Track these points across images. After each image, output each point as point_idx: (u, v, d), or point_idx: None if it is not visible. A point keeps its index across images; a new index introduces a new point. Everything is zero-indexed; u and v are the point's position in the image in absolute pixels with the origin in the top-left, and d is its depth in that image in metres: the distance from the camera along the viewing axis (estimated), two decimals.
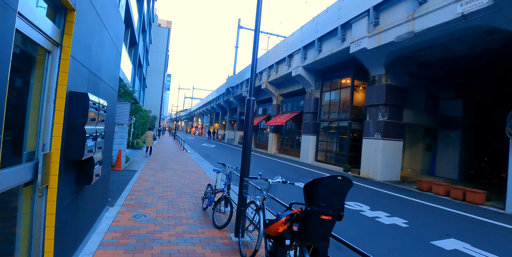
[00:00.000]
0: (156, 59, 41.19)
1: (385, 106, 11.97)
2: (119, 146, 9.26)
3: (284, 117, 20.14)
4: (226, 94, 35.98)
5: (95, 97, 2.66)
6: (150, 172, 9.13)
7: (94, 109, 2.58)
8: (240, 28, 34.85)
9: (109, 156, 4.35)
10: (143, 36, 22.79)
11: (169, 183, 7.61)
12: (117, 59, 4.38)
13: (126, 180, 7.46)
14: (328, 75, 16.40)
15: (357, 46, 11.87)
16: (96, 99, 2.68)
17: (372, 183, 11.09)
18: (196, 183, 8.03)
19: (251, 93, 4.24)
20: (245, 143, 4.16)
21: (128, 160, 10.92)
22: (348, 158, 14.33)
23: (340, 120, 15.18)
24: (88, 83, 2.78)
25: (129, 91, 10.34)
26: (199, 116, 65.67)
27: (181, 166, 11.36)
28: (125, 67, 13.04)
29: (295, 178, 10.65)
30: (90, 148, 2.51)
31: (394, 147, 12.16)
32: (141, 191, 6.35)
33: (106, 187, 4.49)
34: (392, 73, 12.11)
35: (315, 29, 15.25)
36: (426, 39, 9.87)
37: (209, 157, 16.19)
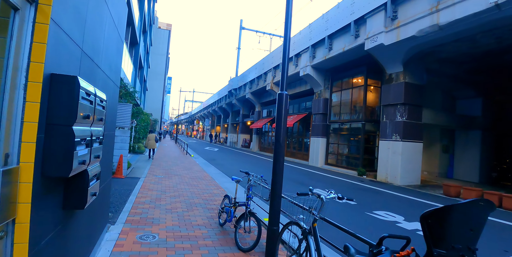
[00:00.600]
0: (157, 61, 40.60)
1: (404, 105, 11.20)
2: (120, 151, 8.48)
3: (291, 119, 19.38)
4: (229, 96, 35.25)
5: (89, 85, 1.88)
6: (155, 179, 8.34)
7: (88, 102, 1.81)
8: (242, 29, 34.22)
9: (109, 165, 3.57)
10: (143, 37, 22.12)
11: (177, 192, 6.82)
12: (119, 47, 3.62)
13: (128, 189, 6.67)
14: (339, 75, 15.66)
15: (373, 42, 11.14)
16: (92, 89, 1.91)
17: (392, 187, 10.29)
18: (205, 191, 7.23)
19: (284, 85, 3.48)
20: (277, 148, 3.38)
21: (130, 166, 10.13)
22: (362, 161, 13.53)
23: (353, 122, 14.40)
24: (81, 68, 2.02)
25: (130, 91, 9.59)
26: (200, 119, 64.91)
27: (186, 171, 10.57)
28: (126, 67, 12.31)
29: (310, 183, 9.85)
30: (82, 158, 1.73)
31: (414, 149, 11.37)
32: (146, 203, 5.56)
33: (106, 202, 3.71)
34: (410, 70, 11.36)
35: (324, 26, 14.54)
36: (452, 33, 9.14)
37: (215, 161, 15.40)
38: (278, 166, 3.37)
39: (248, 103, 32.31)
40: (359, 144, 13.99)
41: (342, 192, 9.19)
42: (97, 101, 2.00)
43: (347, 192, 8.85)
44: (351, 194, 8.49)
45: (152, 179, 8.42)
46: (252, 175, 4.08)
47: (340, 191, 9.03)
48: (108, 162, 3.46)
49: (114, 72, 3.43)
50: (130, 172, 9.24)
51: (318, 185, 9.70)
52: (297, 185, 9.55)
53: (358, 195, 8.38)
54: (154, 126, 33.88)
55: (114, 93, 3.55)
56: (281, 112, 3.42)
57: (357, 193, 8.76)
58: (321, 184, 10.00)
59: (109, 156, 3.49)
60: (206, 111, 53.53)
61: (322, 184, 10.14)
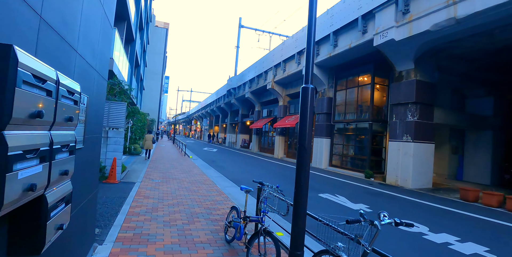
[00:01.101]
0: (154, 60, 39.83)
1: (415, 104, 10.61)
2: (114, 154, 7.81)
3: (293, 119, 18.76)
4: (227, 96, 34.57)
5: (43, 66, 1.23)
6: (151, 184, 7.68)
7: (42, 92, 1.16)
8: (241, 27, 33.55)
9: (92, 175, 2.91)
10: (140, 34, 21.42)
11: (175, 200, 6.16)
12: (106, 30, 2.95)
13: (122, 197, 6.01)
14: (343, 73, 15.06)
15: (382, 37, 10.54)
16: (50, 72, 1.26)
17: (404, 191, 9.69)
18: (207, 198, 6.58)
19: (310, 78, 2.85)
20: (301, 154, 2.75)
21: (125, 169, 9.46)
22: (369, 162, 12.93)
23: (359, 122, 13.80)
24: (39, 42, 1.36)
25: (125, 89, 8.91)
26: (198, 119, 64.15)
27: (185, 175, 9.91)
28: (121, 64, 11.62)
29: (318, 187, 9.23)
30: (30, 182, 1.09)
31: (426, 150, 10.78)
32: (141, 214, 4.90)
33: (90, 219, 3.05)
34: (421, 67, 10.77)
35: (329, 22, 13.93)
36: (469, 27, 8.55)
37: (215, 163, 14.74)
38: (303, 176, 2.74)
39: (247, 103, 31.66)
40: (365, 144, 13.40)
41: (353, 196, 8.60)
42: (61, 92, 1.35)
43: (358, 196, 8.24)
44: (363, 199, 7.88)
45: (148, 184, 7.76)
46: (266, 186, 3.43)
47: (350, 195, 8.42)
48: (91, 173, 2.80)
49: (100, 61, 2.78)
50: (125, 176, 8.57)
51: (326, 189, 9.08)
52: None
53: (371, 201, 7.77)
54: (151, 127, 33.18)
55: (100, 87, 2.89)
56: (306, 111, 2.79)
57: (369, 198, 8.15)
58: (329, 188, 9.38)
59: (93, 165, 2.84)
60: (204, 111, 52.79)
61: (330, 187, 9.52)
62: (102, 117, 3.14)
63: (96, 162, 3.07)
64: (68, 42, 1.81)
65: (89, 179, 2.68)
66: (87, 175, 2.58)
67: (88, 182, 2.64)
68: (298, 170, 2.78)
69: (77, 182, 2.04)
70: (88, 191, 2.66)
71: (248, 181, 9.83)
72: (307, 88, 2.83)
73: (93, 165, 2.85)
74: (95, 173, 3.04)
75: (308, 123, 2.79)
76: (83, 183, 2.39)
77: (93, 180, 2.91)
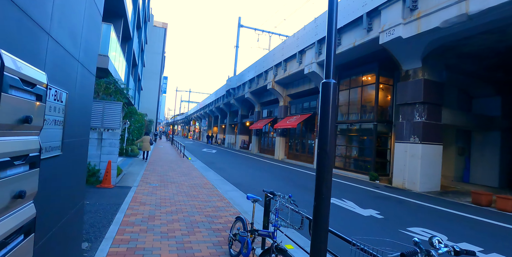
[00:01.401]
0: (152, 60, 39.40)
1: (423, 104, 10.23)
2: (109, 157, 7.38)
3: (294, 119, 18.36)
4: (226, 96, 34.15)
5: None
6: (148, 189, 7.25)
7: None
8: (240, 27, 33.16)
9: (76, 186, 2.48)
10: (138, 33, 20.99)
11: (174, 206, 5.74)
12: (93, 16, 2.53)
13: (116, 204, 5.58)
14: (346, 72, 14.67)
15: (389, 35, 10.16)
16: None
17: (412, 195, 9.30)
18: (208, 204, 6.17)
19: (331, 71, 2.45)
20: (322, 160, 2.34)
21: (121, 172, 9.02)
22: (374, 164, 12.54)
23: (363, 122, 13.42)
24: None
25: (121, 88, 8.48)
26: (197, 120, 63.68)
27: (184, 178, 9.49)
28: (118, 63, 11.20)
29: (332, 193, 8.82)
30: None
31: (434, 152, 10.41)
32: (136, 224, 4.48)
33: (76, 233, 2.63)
34: (429, 66, 10.40)
35: None
36: (481, 24, 8.19)
37: (214, 165, 14.31)
38: (324, 186, 2.33)
39: (247, 103, 31.26)
40: (370, 146, 13.00)
41: (360, 201, 8.18)
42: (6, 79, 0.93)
43: (366, 201, 7.83)
44: (372, 204, 7.48)
45: (145, 188, 7.33)
46: (278, 196, 3.02)
47: (358, 199, 7.99)
48: (76, 182, 2.38)
49: (85, 52, 2.36)
50: (120, 180, 8.14)
51: (334, 194, 8.66)
52: (310, 193, 8.51)
53: (380, 206, 7.37)
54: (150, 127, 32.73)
55: (86, 83, 2.47)
56: (328, 110, 2.38)
57: (378, 203, 7.75)
58: (334, 191, 8.96)
59: (77, 174, 2.41)
60: (202, 111, 52.33)
61: (335, 191, 9.11)
62: (89, 117, 2.72)
63: (82, 170, 2.65)
64: (35, 20, 1.39)
65: (72, 190, 2.26)
66: (69, 186, 2.16)
67: (71, 194, 2.22)
68: (318, 179, 2.37)
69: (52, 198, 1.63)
70: (70, 205, 2.24)
71: (250, 184, 9.41)
72: (328, 83, 2.42)
73: (77, 174, 2.43)
74: (80, 182, 2.62)
75: (330, 124, 2.38)
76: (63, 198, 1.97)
77: (78, 190, 2.49)
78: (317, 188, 2.36)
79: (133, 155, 15.21)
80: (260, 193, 7.14)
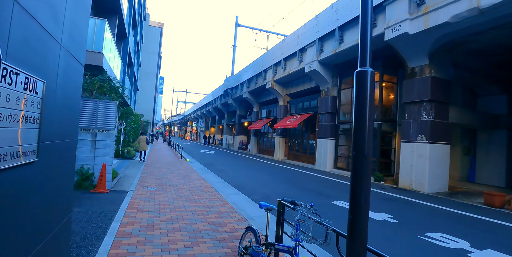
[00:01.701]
0: (148, 60, 38.85)
1: (430, 103, 9.90)
2: (103, 159, 6.92)
3: (295, 119, 17.98)
4: (224, 96, 33.70)
5: None
6: (146, 193, 6.81)
7: None
8: (237, 26, 32.77)
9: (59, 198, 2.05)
10: (134, 32, 20.50)
11: (174, 213, 5.31)
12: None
13: (111, 211, 5.14)
14: (348, 71, 14.34)
15: (395, 31, 9.81)
16: None
17: (421, 196, 8.95)
18: (210, 209, 5.75)
19: (367, 58, 2.06)
20: (359, 164, 1.94)
21: (117, 176, 8.57)
22: (379, 165, 12.20)
23: None
24: None
25: (116, 87, 8.03)
26: (194, 120, 63.10)
27: (183, 180, 9.05)
28: (113, 61, 10.74)
29: (330, 193, 8.43)
30: None
31: (442, 152, 10.08)
32: (133, 234, 4.05)
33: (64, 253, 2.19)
34: (436, 63, 10.08)
35: (334, 17, 13.20)
36: (492, 18, 7.86)
37: (213, 167, 13.88)
38: (363, 196, 1.93)
39: (245, 103, 30.85)
40: (374, 146, 12.65)
41: (370, 203, 7.74)
42: None
43: (375, 204, 7.45)
44: (383, 207, 7.09)
45: (142, 192, 6.88)
46: (299, 205, 2.61)
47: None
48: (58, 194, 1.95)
49: (70, 35, 1.94)
50: (116, 184, 7.68)
51: (339, 195, 8.29)
52: (316, 196, 8.12)
53: (392, 209, 6.99)
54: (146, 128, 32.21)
55: (72, 73, 2.05)
56: (364, 105, 1.99)
57: (388, 206, 7.38)
58: (341, 194, 8.60)
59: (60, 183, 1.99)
60: (200, 112, 51.79)
61: (342, 193, 8.74)
62: (76, 115, 2.29)
63: (68, 177, 2.22)
64: None
65: (56, 203, 1.84)
66: (51, 198, 1.74)
67: (54, 208, 1.80)
68: (355, 188, 1.97)
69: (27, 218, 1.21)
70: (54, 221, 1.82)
71: (253, 187, 9.00)
72: (364, 72, 2.03)
73: (62, 183, 2.00)
74: (67, 192, 2.20)
75: (368, 122, 1.98)
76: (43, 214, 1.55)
77: (63, 202, 2.06)
78: (353, 198, 1.96)
79: (130, 156, 14.72)
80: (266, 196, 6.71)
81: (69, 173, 2.19)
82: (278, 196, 7.85)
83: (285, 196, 7.80)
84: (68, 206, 2.21)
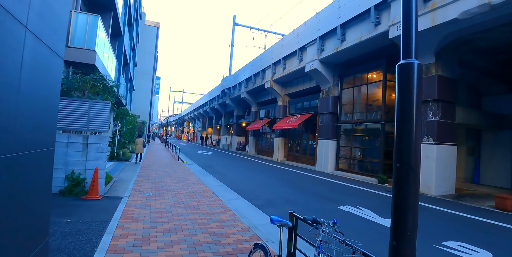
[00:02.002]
0: (144, 60, 38.26)
1: (437, 102, 9.58)
2: (96, 164, 6.48)
3: (295, 119, 17.61)
4: (222, 96, 33.26)
5: None
6: (141, 199, 6.38)
7: None
8: (235, 25, 32.35)
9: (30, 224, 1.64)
10: (129, 30, 20.00)
11: (172, 222, 4.90)
12: None
13: (103, 221, 4.71)
14: (350, 70, 13.99)
15: (400, 28, 9.44)
16: None
17: (429, 199, 8.62)
18: (211, 217, 5.34)
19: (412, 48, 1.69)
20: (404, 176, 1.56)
21: (111, 180, 8.13)
22: (382, 166, 11.86)
23: (369, 122, 12.74)
24: None
25: (109, 86, 7.60)
26: (191, 121, 62.56)
27: (181, 184, 8.63)
28: (107, 59, 10.29)
29: (334, 197, 8.06)
30: None
31: (449, 153, 9.77)
32: (127, 249, 3.63)
33: None
34: (443, 62, 9.76)
35: (336, 14, 12.85)
36: (503, 14, 7.53)
37: (212, 169, 13.46)
38: (409, 216, 1.55)
39: (243, 104, 30.44)
40: (377, 146, 12.33)
41: (378, 208, 7.19)
42: None
43: (383, 208, 7.09)
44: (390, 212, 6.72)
45: (138, 199, 6.46)
46: (322, 224, 2.21)
47: (374, 207, 7.04)
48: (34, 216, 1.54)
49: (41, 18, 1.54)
50: (110, 189, 7.24)
51: (344, 199, 7.92)
52: (321, 200, 7.74)
53: None
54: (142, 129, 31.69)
55: (45, 66, 1.64)
56: (411, 103, 1.61)
57: None
58: (346, 198, 8.23)
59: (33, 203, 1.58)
60: (197, 112, 51.28)
61: (347, 197, 8.37)
62: (53, 119, 1.88)
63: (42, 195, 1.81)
64: None
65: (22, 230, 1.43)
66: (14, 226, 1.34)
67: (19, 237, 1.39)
68: (398, 208, 1.58)
69: None
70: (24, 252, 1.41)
71: (254, 191, 8.59)
72: (409, 65, 1.64)
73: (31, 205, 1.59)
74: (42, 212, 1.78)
75: (416, 126, 1.60)
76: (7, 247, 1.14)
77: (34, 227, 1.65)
78: (397, 221, 1.58)
79: (125, 158, 14.26)
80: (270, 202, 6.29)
81: (43, 190, 1.78)
82: (281, 201, 7.46)
83: (290, 201, 7.42)
84: (42, 230, 1.80)
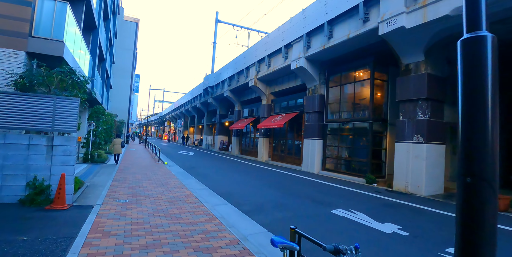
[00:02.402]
0: (123, 57, 36.65)
1: (426, 101, 9.42)
2: (62, 168, 5.71)
3: (280, 118, 17.20)
4: (204, 95, 32.40)
5: None
6: (115, 208, 5.69)
7: None
8: (218, 22, 31.56)
9: None
10: (106, 24, 18.86)
11: (150, 236, 4.27)
12: None
13: (67, 237, 4.01)
14: (337, 68, 13.72)
15: (390, 25, 9.23)
16: None
17: (419, 200, 8.41)
18: (195, 228, 4.75)
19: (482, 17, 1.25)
20: (479, 194, 1.08)
21: (82, 185, 7.33)
22: (370, 166, 11.65)
23: (356, 121, 12.50)
24: None
25: (79, 81, 6.80)
26: (172, 120, 60.98)
27: (161, 189, 7.96)
28: (78, 54, 9.40)
29: (326, 200, 7.66)
30: None
31: (438, 152, 9.67)
32: None
33: None
34: (432, 60, 9.62)
35: (323, 11, 12.51)
36: (496, 11, 7.42)
37: (195, 170, 12.79)
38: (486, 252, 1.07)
39: (226, 102, 29.77)
40: (364, 146, 12.11)
41: (372, 211, 6.68)
42: None
43: (377, 211, 6.76)
44: (387, 216, 6.40)
45: (112, 207, 5.75)
46: (346, 253, 1.71)
47: (368, 210, 6.54)
48: None
49: None
50: (80, 196, 6.47)
51: (336, 202, 7.54)
52: (312, 204, 7.31)
53: (398, 218, 6.31)
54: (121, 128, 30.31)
55: None
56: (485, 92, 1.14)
57: (392, 214, 6.70)
58: (337, 200, 7.86)
59: None
60: (178, 111, 49.95)
61: (338, 199, 8.01)
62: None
63: None
64: None
65: None
66: None
67: None
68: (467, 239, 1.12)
69: None
70: None
71: (241, 194, 8.03)
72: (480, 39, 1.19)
73: None
74: None
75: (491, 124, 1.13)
76: None
77: None
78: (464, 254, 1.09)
79: (101, 160, 13.28)
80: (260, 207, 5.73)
81: None
82: (271, 205, 6.97)
83: (279, 205, 6.93)
84: None
